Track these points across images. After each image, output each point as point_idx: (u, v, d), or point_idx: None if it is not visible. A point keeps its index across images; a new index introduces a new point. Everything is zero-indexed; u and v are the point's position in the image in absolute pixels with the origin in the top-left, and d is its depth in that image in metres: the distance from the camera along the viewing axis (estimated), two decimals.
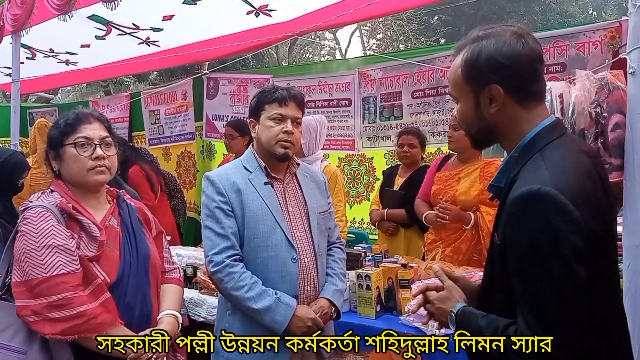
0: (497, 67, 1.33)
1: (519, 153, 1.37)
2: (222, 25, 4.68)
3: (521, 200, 1.25)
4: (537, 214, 1.22)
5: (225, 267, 2.04)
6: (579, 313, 1.23)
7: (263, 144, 2.19)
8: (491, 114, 1.38)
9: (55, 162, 1.89)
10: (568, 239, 1.20)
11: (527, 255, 1.24)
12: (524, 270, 1.26)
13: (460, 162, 3.39)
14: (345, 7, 4.08)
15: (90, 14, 4.28)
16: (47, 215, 1.75)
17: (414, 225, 3.85)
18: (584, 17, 18.45)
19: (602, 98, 1.85)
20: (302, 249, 2.15)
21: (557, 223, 1.20)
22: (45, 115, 7.52)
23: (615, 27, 3.56)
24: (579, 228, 1.21)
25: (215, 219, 2.09)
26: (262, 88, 2.26)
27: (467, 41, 1.40)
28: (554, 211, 1.21)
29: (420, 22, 17.91)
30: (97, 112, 2.00)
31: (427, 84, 4.55)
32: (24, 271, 1.69)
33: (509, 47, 1.33)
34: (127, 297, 1.82)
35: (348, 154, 5.16)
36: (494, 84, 1.34)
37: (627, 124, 1.78)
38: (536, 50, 1.36)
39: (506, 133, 1.40)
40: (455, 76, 1.43)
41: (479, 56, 1.35)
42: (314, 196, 2.28)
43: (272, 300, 2.02)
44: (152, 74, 14.49)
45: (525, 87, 1.36)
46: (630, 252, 1.77)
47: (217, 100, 5.92)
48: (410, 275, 2.67)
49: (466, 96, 1.41)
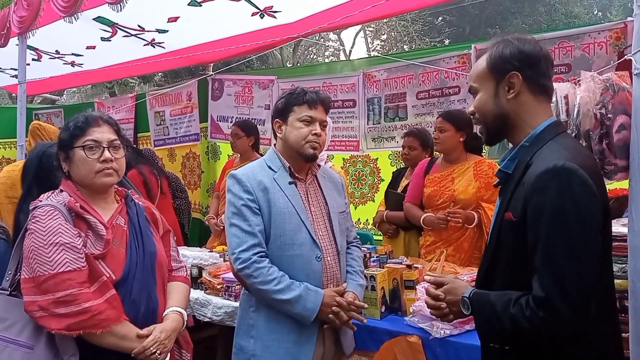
0: (520, 57, 1.54)
1: (530, 142, 1.55)
2: (227, 26, 4.69)
3: (548, 174, 1.40)
4: (563, 186, 1.37)
5: (253, 263, 2.08)
6: (592, 278, 1.36)
7: (292, 145, 2.23)
8: (508, 101, 1.57)
9: (65, 163, 1.93)
10: (591, 209, 1.38)
11: (551, 223, 1.37)
12: (546, 238, 1.38)
13: (448, 163, 3.44)
14: (350, 9, 4.09)
15: (96, 15, 4.30)
16: (55, 214, 1.79)
17: (413, 228, 3.81)
18: (589, 18, 18.38)
19: (607, 99, 1.85)
20: (325, 248, 2.21)
21: (581, 194, 1.37)
22: (50, 116, 7.56)
23: (620, 28, 3.56)
24: (597, 200, 1.39)
25: (243, 217, 2.14)
26: (290, 90, 2.30)
27: (495, 43, 1.61)
28: (579, 183, 1.37)
29: (425, 23, 17.88)
30: (106, 115, 2.03)
31: (432, 85, 4.55)
32: (32, 268, 1.73)
33: (530, 46, 1.57)
34: (133, 294, 1.85)
35: (353, 155, 5.16)
36: (515, 71, 1.54)
37: (632, 125, 1.78)
38: (549, 54, 1.61)
39: (518, 123, 1.58)
40: (479, 69, 1.63)
41: (504, 50, 1.57)
42: (333, 197, 2.34)
43: (302, 290, 2.09)
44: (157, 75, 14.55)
45: (540, 80, 1.56)
46: (635, 253, 1.77)
47: (222, 101, 5.94)
48: (415, 276, 2.67)
49: (487, 85, 1.60)
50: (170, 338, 1.89)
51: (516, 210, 1.48)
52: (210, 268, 3.24)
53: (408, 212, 3.57)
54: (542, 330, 1.38)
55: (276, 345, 2.13)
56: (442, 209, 3.32)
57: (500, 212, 1.60)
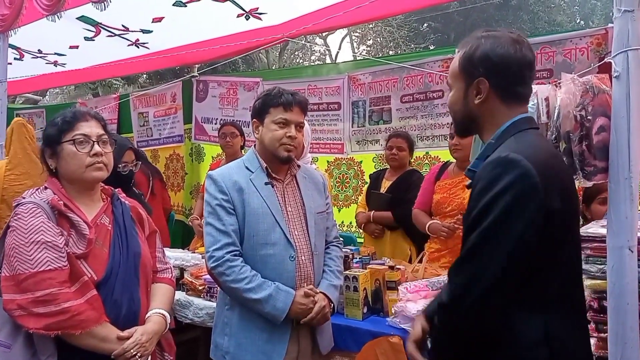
0: (487, 64, 1.48)
1: (495, 139, 1.51)
2: (212, 27, 4.67)
3: (490, 164, 1.39)
4: (502, 176, 1.34)
5: (226, 261, 2.11)
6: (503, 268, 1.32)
7: (266, 146, 2.25)
8: (476, 105, 1.52)
9: (52, 159, 1.92)
10: (525, 204, 1.32)
11: (483, 211, 1.35)
12: (474, 225, 1.37)
13: (461, 170, 3.27)
14: (336, 11, 4.10)
15: (80, 14, 4.25)
16: (37, 212, 1.78)
17: (400, 228, 3.85)
18: (571, 26, 18.60)
19: (587, 101, 1.87)
20: (300, 248, 2.22)
21: (519, 185, 1.32)
22: (32, 116, 7.46)
23: (601, 34, 3.61)
24: (537, 193, 1.32)
25: (217, 216, 2.16)
26: (268, 91, 2.31)
27: (470, 39, 1.56)
28: (519, 174, 1.32)
29: (410, 29, 18.00)
30: (93, 111, 2.04)
31: (416, 89, 4.58)
32: (13, 266, 1.72)
33: (502, 49, 1.48)
34: (115, 295, 1.84)
35: (337, 157, 5.17)
36: (482, 77, 1.49)
37: (611, 127, 1.80)
38: (527, 57, 1.50)
39: (486, 125, 1.55)
40: (453, 67, 1.60)
41: (475, 51, 1.51)
42: (312, 197, 2.35)
43: (272, 289, 2.11)
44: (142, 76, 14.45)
45: (510, 87, 1.51)
46: (614, 254, 1.79)
47: (206, 103, 5.91)
48: (397, 277, 2.68)
49: (458, 85, 1.57)
50: (152, 341, 1.88)
51: (470, 205, 1.46)
52: (192, 269, 3.22)
53: (416, 218, 3.47)
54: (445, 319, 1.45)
55: (249, 342, 2.15)
56: (450, 217, 3.22)
57: None
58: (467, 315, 1.38)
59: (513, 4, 18.14)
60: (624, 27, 1.78)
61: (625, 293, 1.75)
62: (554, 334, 1.37)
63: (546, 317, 1.38)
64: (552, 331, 1.37)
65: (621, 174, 1.77)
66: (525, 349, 1.37)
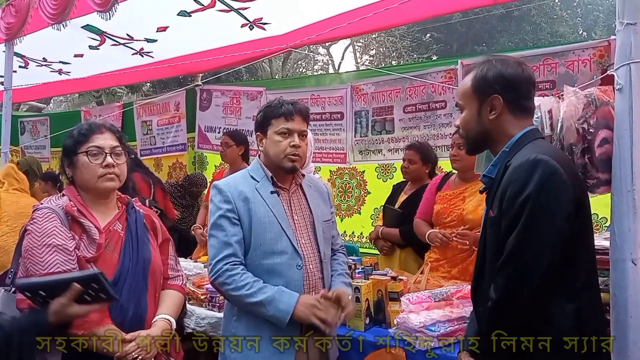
0: (502, 82, 1.67)
1: (510, 148, 1.67)
2: (216, 37, 4.70)
3: (520, 166, 1.53)
4: (534, 176, 1.49)
5: (225, 271, 2.10)
6: (549, 261, 1.48)
7: (271, 158, 2.25)
8: (489, 121, 1.70)
9: (69, 169, 2.02)
10: (558, 197, 1.48)
11: (521, 211, 1.49)
12: (515, 225, 1.50)
13: (462, 181, 3.28)
14: (339, 22, 4.12)
15: (85, 23, 4.29)
16: (51, 217, 1.87)
17: (409, 246, 3.70)
18: (574, 37, 18.67)
19: (589, 114, 1.88)
20: (308, 256, 2.21)
21: (551, 182, 1.49)
22: (36, 124, 7.50)
23: (604, 46, 3.62)
24: (567, 189, 1.50)
25: (221, 228, 2.16)
26: (268, 103, 2.32)
27: (477, 64, 1.74)
28: (549, 172, 1.49)
29: (413, 39, 18.08)
30: (109, 123, 2.13)
31: (419, 99, 4.59)
32: (26, 267, 1.82)
33: (512, 69, 1.68)
34: (122, 299, 1.88)
35: (339, 167, 5.18)
36: (497, 94, 1.67)
37: (614, 139, 1.81)
38: (531, 76, 1.72)
39: (498, 137, 1.71)
40: (464, 88, 1.76)
41: (487, 72, 1.69)
42: (318, 205, 2.35)
43: (275, 291, 2.08)
44: (145, 85, 14.52)
45: (520, 101, 1.69)
46: (617, 266, 1.79)
47: (209, 111, 5.94)
48: (399, 287, 2.66)
49: (471, 104, 1.73)
50: (155, 345, 1.90)
51: (495, 206, 1.61)
52: (194, 278, 3.22)
53: (416, 228, 3.42)
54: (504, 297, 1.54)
55: (257, 354, 2.12)
56: (450, 228, 3.18)
57: (485, 214, 1.72)
58: (520, 309, 1.52)
59: (516, 15, 18.20)
60: (627, 40, 1.80)
61: (628, 306, 1.74)
62: (585, 321, 1.53)
63: (578, 304, 1.53)
64: (583, 318, 1.52)
65: (624, 187, 1.78)
66: (561, 337, 1.50)
